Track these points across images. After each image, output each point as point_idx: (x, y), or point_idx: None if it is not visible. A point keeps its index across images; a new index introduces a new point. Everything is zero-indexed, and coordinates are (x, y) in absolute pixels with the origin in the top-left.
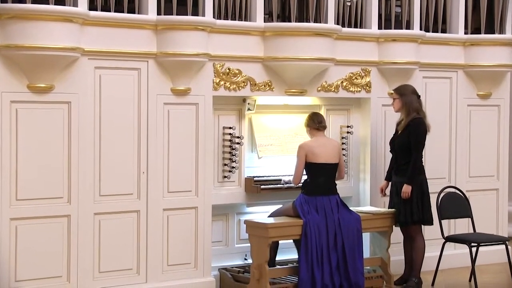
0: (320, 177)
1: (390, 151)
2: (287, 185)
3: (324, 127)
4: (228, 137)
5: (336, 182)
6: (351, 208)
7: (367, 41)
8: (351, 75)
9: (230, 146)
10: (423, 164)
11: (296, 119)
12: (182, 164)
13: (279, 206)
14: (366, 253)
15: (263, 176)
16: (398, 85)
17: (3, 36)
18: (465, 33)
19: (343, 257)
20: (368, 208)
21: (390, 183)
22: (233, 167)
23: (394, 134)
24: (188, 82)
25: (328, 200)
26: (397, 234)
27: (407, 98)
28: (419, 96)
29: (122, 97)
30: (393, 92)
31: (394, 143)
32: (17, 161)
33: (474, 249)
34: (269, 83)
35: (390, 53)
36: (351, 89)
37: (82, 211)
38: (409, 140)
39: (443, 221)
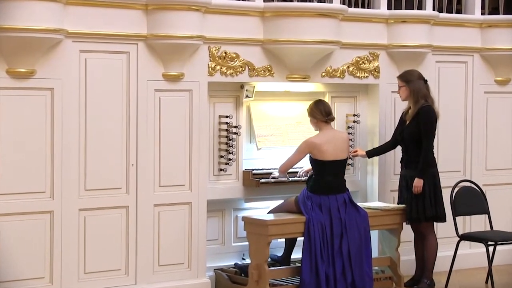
0: (328, 176)
1: (399, 142)
2: (274, 179)
3: (333, 119)
4: (225, 126)
5: None
6: (358, 204)
7: (375, 23)
8: (358, 59)
9: (226, 137)
10: (434, 155)
11: (298, 107)
12: (175, 156)
13: (280, 201)
14: (375, 253)
15: (262, 169)
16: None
17: None
18: (482, 13)
19: (348, 261)
20: (377, 204)
21: (368, 159)
22: (230, 159)
23: (398, 124)
24: (181, 66)
25: (335, 199)
26: (407, 232)
27: (414, 85)
28: (426, 81)
29: (109, 83)
30: (397, 79)
31: (403, 134)
32: None
33: (491, 248)
34: (269, 68)
35: (400, 35)
36: (358, 75)
37: (66, 207)
38: (419, 130)
39: (457, 218)
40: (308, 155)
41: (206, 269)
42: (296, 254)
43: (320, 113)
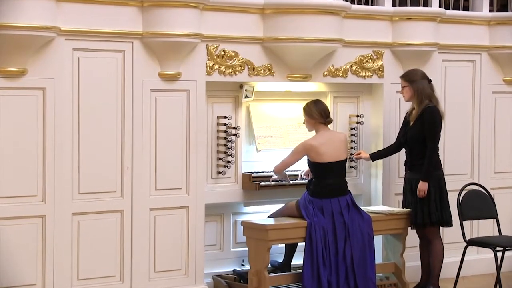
0: (328, 178)
1: (403, 144)
2: (274, 182)
3: (331, 121)
4: (223, 127)
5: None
6: (361, 208)
7: (379, 20)
8: (362, 58)
9: (225, 138)
10: (440, 158)
11: (299, 108)
12: (171, 158)
13: (280, 205)
14: (379, 258)
15: (262, 172)
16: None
17: None
18: (490, 10)
19: (351, 267)
20: (381, 208)
21: (372, 162)
22: (228, 162)
23: (402, 126)
24: (178, 65)
25: (337, 202)
26: (412, 237)
27: (418, 85)
28: (430, 80)
29: (103, 82)
30: (400, 79)
31: (407, 136)
32: None
33: (499, 254)
34: (269, 67)
35: (405, 33)
36: (361, 74)
37: (59, 211)
38: (423, 131)
39: (464, 222)
40: (305, 157)
41: (204, 276)
42: (297, 260)
43: (320, 114)
